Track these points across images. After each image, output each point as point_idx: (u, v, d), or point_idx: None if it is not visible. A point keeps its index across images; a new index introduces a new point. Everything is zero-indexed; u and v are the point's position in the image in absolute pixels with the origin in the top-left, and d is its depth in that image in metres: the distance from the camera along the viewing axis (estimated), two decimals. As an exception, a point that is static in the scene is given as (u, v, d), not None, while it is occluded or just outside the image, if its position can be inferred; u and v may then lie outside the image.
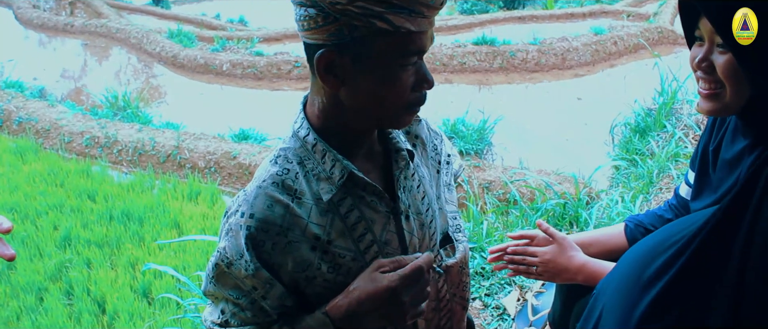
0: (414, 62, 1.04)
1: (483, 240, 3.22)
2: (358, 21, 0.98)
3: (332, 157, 1.09)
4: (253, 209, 1.06)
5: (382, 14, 0.97)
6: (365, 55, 1.01)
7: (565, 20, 13.10)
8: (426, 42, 1.04)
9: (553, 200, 3.76)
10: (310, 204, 1.09)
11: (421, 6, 0.99)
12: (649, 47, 9.05)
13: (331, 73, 1.03)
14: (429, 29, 1.04)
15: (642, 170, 4.41)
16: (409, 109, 1.08)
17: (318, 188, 1.09)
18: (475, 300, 2.83)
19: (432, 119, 1.29)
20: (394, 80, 1.03)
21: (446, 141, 1.38)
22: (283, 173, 1.10)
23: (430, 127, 1.32)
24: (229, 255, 1.08)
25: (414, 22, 0.99)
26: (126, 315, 3.92)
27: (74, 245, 4.79)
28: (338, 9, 0.97)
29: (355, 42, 1.00)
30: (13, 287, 4.27)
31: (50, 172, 6.23)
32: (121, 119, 7.66)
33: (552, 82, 9.40)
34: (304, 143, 1.11)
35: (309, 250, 1.08)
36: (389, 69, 1.02)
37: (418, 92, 1.07)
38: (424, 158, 1.26)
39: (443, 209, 1.28)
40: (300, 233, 1.07)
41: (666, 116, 5.30)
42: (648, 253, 1.14)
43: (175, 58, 10.71)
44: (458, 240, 1.29)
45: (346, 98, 1.06)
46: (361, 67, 1.02)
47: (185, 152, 6.70)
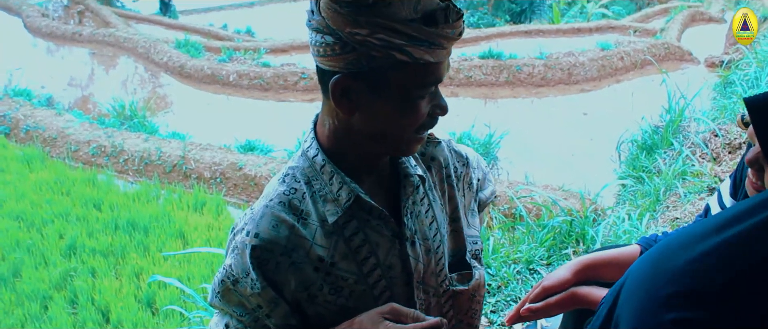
0: (430, 90, 1.04)
1: (489, 257, 3.22)
2: (377, 52, 0.97)
3: (340, 179, 1.09)
4: (258, 229, 1.07)
5: (403, 47, 0.96)
6: (382, 84, 1.00)
7: (571, 35, 13.12)
8: (443, 71, 1.04)
9: (559, 217, 3.74)
10: (315, 225, 1.08)
11: (441, 38, 0.98)
12: (656, 63, 9.05)
13: (345, 98, 1.02)
14: (445, 59, 1.03)
15: (649, 188, 4.39)
16: (418, 135, 1.08)
17: (324, 210, 1.09)
18: (481, 317, 2.82)
19: (437, 132, 1.29)
20: (411, 109, 1.03)
21: (480, 166, 1.37)
22: (290, 193, 1.10)
23: (453, 149, 1.30)
24: (234, 272, 1.08)
25: (433, 53, 0.99)
26: (130, 325, 3.92)
27: (79, 254, 4.80)
28: (358, 39, 0.97)
29: (372, 71, 0.99)
30: (18, 295, 4.27)
31: (57, 180, 6.25)
32: (127, 128, 7.68)
33: (558, 96, 9.40)
34: (313, 164, 1.11)
35: (312, 271, 1.07)
36: (406, 98, 1.02)
37: (434, 118, 1.08)
38: (437, 180, 1.24)
39: (461, 232, 1.26)
40: (304, 254, 1.07)
41: (673, 133, 5.29)
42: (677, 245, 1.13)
43: (182, 69, 10.74)
44: (475, 267, 1.27)
45: (358, 123, 1.06)
46: (378, 96, 1.01)
47: (191, 163, 6.71)
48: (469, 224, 1.29)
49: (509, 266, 3.18)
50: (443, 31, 0.98)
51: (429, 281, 1.18)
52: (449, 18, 0.98)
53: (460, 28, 1.02)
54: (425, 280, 1.18)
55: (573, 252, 3.35)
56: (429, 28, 0.96)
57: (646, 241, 1.74)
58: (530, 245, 3.50)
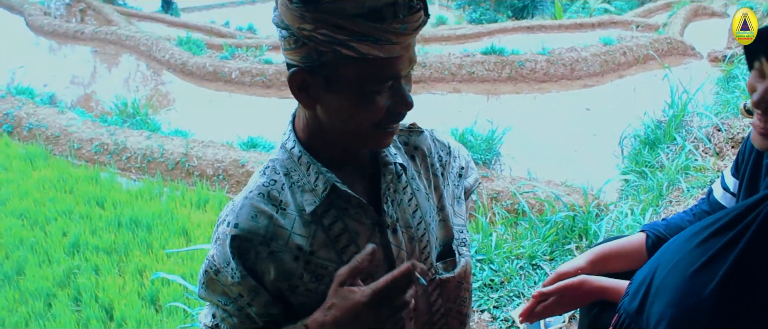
0: (389, 86, 1.02)
1: (492, 252, 3.21)
2: (324, 47, 0.97)
3: (316, 169, 1.10)
4: (238, 220, 1.08)
5: (346, 42, 0.96)
6: (335, 79, 1.00)
7: (574, 30, 13.11)
8: (401, 66, 1.01)
9: (562, 213, 3.74)
10: (293, 215, 1.10)
11: (388, 34, 0.96)
12: (658, 58, 9.04)
13: (304, 92, 1.04)
14: (404, 53, 1.01)
15: (652, 183, 4.39)
16: (382, 130, 1.06)
17: (302, 200, 1.10)
18: (484, 313, 2.82)
19: (440, 128, 1.28)
20: (366, 104, 1.02)
21: (462, 154, 1.37)
22: (269, 184, 1.12)
23: (436, 138, 1.30)
24: (216, 262, 1.10)
25: (382, 49, 0.97)
26: (133, 322, 3.92)
27: (83, 251, 4.80)
28: (305, 35, 0.98)
29: (324, 66, 1.00)
30: (22, 292, 4.28)
31: (59, 178, 6.25)
32: (130, 126, 7.69)
33: (560, 92, 9.39)
34: (291, 155, 1.13)
35: (292, 260, 1.09)
36: (361, 93, 1.01)
37: (395, 113, 1.06)
38: (422, 170, 1.25)
39: (448, 221, 1.27)
40: (283, 244, 1.08)
41: (676, 128, 5.28)
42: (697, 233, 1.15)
43: (184, 66, 10.75)
44: (461, 255, 1.28)
45: (322, 117, 1.07)
46: (333, 89, 1.01)
47: (194, 160, 6.71)
48: (455, 213, 1.30)
49: (512, 261, 3.18)
50: (391, 27, 0.96)
51: None
52: (399, 13, 0.97)
53: (415, 23, 0.99)
54: None
55: (576, 247, 3.35)
56: (374, 24, 0.95)
57: (650, 228, 1.75)
58: (533, 240, 3.49)
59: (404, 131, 1.26)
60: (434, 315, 1.24)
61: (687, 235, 1.23)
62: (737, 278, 1.06)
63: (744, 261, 1.06)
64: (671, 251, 1.23)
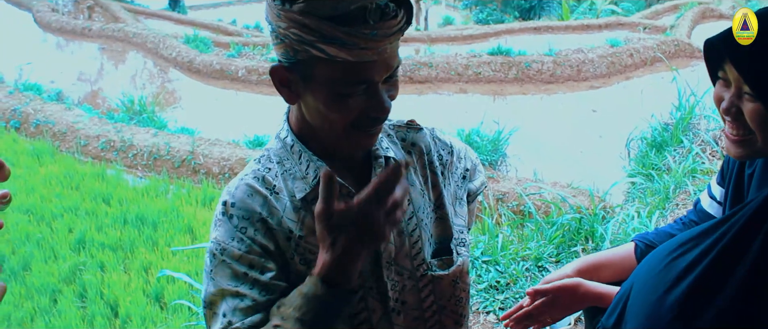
0: (363, 89, 1.02)
1: (498, 254, 3.21)
2: (297, 46, 0.99)
3: (307, 158, 1.13)
4: (234, 199, 1.11)
5: (314, 43, 0.97)
6: (310, 77, 1.02)
7: (580, 32, 13.08)
8: (374, 72, 1.01)
9: (568, 215, 3.73)
10: (285, 200, 1.12)
11: (356, 39, 0.96)
12: (666, 60, 9.01)
13: (285, 88, 1.06)
14: (378, 59, 1.00)
15: (658, 186, 4.37)
16: (359, 132, 1.07)
17: (293, 187, 1.12)
18: (489, 314, 2.82)
19: (446, 129, 1.28)
20: (337, 105, 1.02)
21: (468, 157, 1.37)
22: (264, 170, 1.14)
23: (436, 137, 1.30)
24: (221, 240, 1.10)
25: (351, 53, 0.97)
26: (138, 319, 3.93)
27: (88, 248, 4.82)
28: (281, 33, 1.00)
29: (300, 63, 1.01)
30: (27, 288, 4.29)
31: (66, 175, 6.27)
32: (136, 123, 7.71)
33: (567, 93, 9.38)
34: (285, 145, 1.16)
35: (285, 240, 1.11)
36: (333, 94, 1.02)
37: (371, 117, 1.05)
38: (418, 166, 1.25)
39: (447, 219, 1.26)
40: (277, 223, 1.10)
41: (683, 131, 5.26)
42: (671, 252, 1.15)
43: (191, 64, 10.77)
44: (459, 254, 1.26)
45: (305, 111, 1.09)
46: (309, 88, 1.03)
47: (200, 158, 6.72)
48: (456, 214, 1.29)
49: (518, 263, 3.18)
50: (359, 32, 0.96)
51: (403, 262, 1.18)
52: (369, 19, 0.97)
53: (388, 30, 0.99)
54: (398, 261, 1.18)
55: (582, 249, 3.34)
56: (343, 28, 0.95)
57: (640, 238, 1.74)
58: (539, 242, 3.49)
59: (402, 127, 1.27)
60: (426, 312, 1.23)
61: (664, 252, 1.23)
62: (701, 293, 1.06)
63: (709, 274, 1.06)
64: (647, 267, 1.23)
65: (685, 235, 1.20)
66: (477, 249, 3.26)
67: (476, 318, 2.79)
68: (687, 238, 1.19)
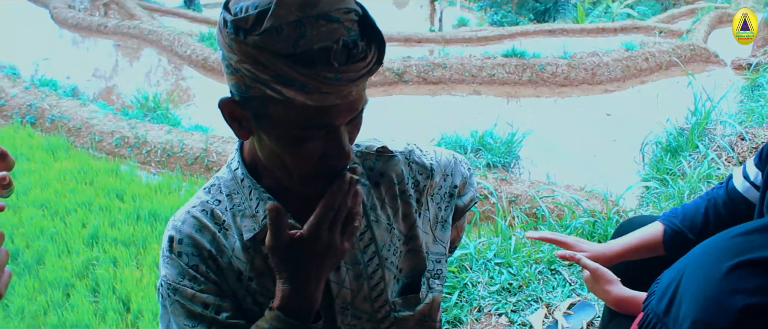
0: (321, 133, 0.92)
1: (511, 256, 3.20)
2: (250, 82, 0.88)
3: (257, 195, 1.04)
4: (181, 234, 1.04)
5: (268, 83, 0.85)
6: (264, 116, 0.91)
7: (596, 35, 13.03)
8: (336, 116, 0.89)
9: (582, 218, 3.71)
10: (234, 239, 1.05)
11: (315, 82, 0.84)
12: (682, 65, 8.96)
13: (235, 122, 0.96)
14: (341, 102, 0.88)
15: (673, 191, 4.34)
16: (317, 178, 0.96)
17: (242, 224, 1.05)
18: (501, 316, 2.80)
19: (459, 130, 1.22)
20: (294, 149, 0.92)
21: (459, 170, 1.26)
22: (213, 203, 1.07)
23: (414, 161, 1.18)
24: (171, 280, 1.03)
25: (310, 97, 0.85)
26: (150, 314, 3.94)
27: (101, 243, 4.84)
28: (233, 65, 0.89)
29: (253, 100, 0.90)
30: (41, 282, 4.32)
31: (80, 170, 6.31)
32: (150, 120, 7.74)
33: (581, 97, 9.34)
34: (235, 177, 1.07)
35: (235, 280, 1.04)
36: (288, 137, 0.91)
37: (330, 164, 0.95)
38: (387, 198, 1.14)
39: (420, 251, 1.17)
40: (227, 261, 1.04)
41: (699, 136, 5.23)
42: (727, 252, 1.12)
43: (206, 61, 10.80)
44: (431, 288, 1.17)
45: (258, 149, 0.99)
46: (262, 126, 0.93)
47: (213, 155, 6.75)
48: (436, 240, 1.20)
49: (531, 266, 3.16)
50: (321, 75, 0.83)
51: (361, 306, 1.11)
52: (333, 61, 0.84)
53: (354, 74, 0.86)
54: (356, 305, 1.10)
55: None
56: (302, 69, 0.83)
57: (668, 219, 1.73)
58: (552, 246, 3.47)
59: (371, 154, 1.15)
60: None
61: (722, 236, 1.19)
62: None
63: None
64: (701, 250, 1.19)
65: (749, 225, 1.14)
66: (490, 251, 3.25)
67: (488, 319, 2.78)
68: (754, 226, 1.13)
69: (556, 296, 2.87)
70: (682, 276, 1.13)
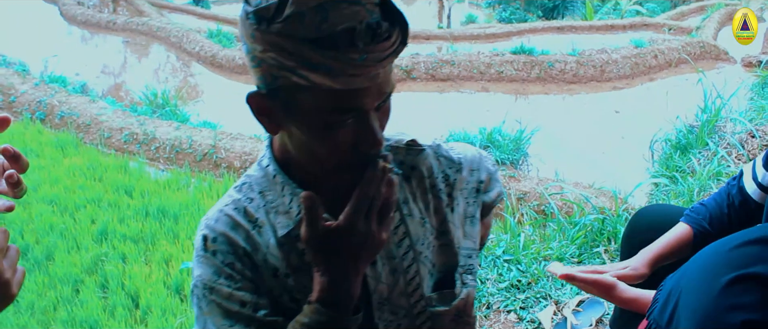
0: (352, 119, 0.91)
1: (520, 253, 3.19)
2: (276, 71, 0.88)
3: (291, 190, 1.03)
4: (215, 233, 1.03)
5: (295, 69, 0.86)
6: (292, 105, 0.91)
7: (604, 32, 12.98)
8: (364, 100, 0.89)
9: (591, 215, 3.70)
10: (268, 236, 1.04)
11: (341, 64, 0.84)
12: (692, 62, 8.91)
13: (264, 117, 0.96)
14: (369, 84, 0.88)
15: (682, 188, 4.32)
16: (351, 169, 0.96)
17: (276, 222, 1.04)
18: (510, 313, 2.80)
19: (468, 127, 1.21)
20: (324, 138, 0.92)
21: (484, 166, 1.24)
22: (245, 201, 1.06)
23: (442, 155, 1.18)
24: (207, 280, 1.02)
25: (337, 80, 0.85)
26: (158, 310, 3.95)
27: (110, 239, 4.86)
28: (258, 56, 0.89)
29: (281, 90, 0.90)
30: (50, 278, 4.34)
31: (89, 166, 6.33)
32: (159, 116, 7.76)
33: (590, 94, 9.31)
34: (266, 174, 1.06)
35: (271, 277, 1.04)
36: (319, 124, 0.91)
37: (362, 152, 0.94)
38: (418, 192, 1.14)
39: (452, 246, 1.16)
40: (262, 259, 1.03)
41: (709, 133, 5.20)
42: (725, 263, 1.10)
43: (214, 58, 10.83)
44: (465, 284, 1.16)
45: (289, 143, 0.99)
46: (291, 117, 0.93)
47: (222, 152, 6.76)
48: (466, 235, 1.19)
49: (539, 263, 3.16)
50: (346, 57, 0.84)
51: (398, 301, 1.10)
52: (357, 42, 0.85)
53: (380, 54, 0.87)
54: (393, 300, 1.10)
55: (604, 250, 3.31)
56: (327, 52, 0.84)
57: (694, 221, 1.71)
58: (561, 242, 3.46)
59: (400, 149, 1.15)
60: None
61: (721, 247, 1.18)
62: None
63: None
64: (700, 261, 1.18)
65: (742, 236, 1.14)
66: (499, 248, 3.25)
67: (497, 316, 2.78)
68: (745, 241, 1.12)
69: (565, 293, 2.86)
70: (682, 289, 1.12)
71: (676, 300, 1.12)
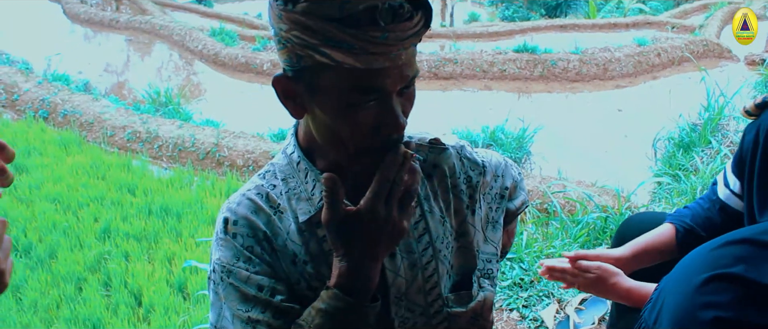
0: (374, 99, 0.92)
1: (522, 251, 3.19)
2: (301, 51, 0.90)
3: (314, 177, 1.04)
4: (236, 215, 1.04)
5: (318, 47, 0.88)
6: (316, 87, 0.93)
7: (607, 30, 12.96)
8: (386, 81, 0.91)
9: (594, 214, 3.70)
10: (289, 222, 1.05)
11: (362, 43, 0.87)
12: (694, 60, 8.90)
13: (290, 100, 0.98)
14: (390, 65, 0.90)
15: (685, 186, 4.32)
16: (373, 152, 0.96)
17: (297, 208, 1.05)
18: (513, 312, 2.80)
19: (471, 126, 1.21)
20: (346, 119, 0.93)
21: (509, 173, 1.26)
22: (268, 187, 1.07)
23: (465, 156, 1.18)
24: (225, 262, 1.03)
25: (359, 59, 0.88)
26: (161, 308, 3.95)
27: (113, 237, 4.86)
28: (283, 36, 0.91)
29: (304, 71, 0.92)
30: (54, 276, 4.35)
31: (93, 165, 6.34)
32: (162, 114, 7.77)
33: (593, 92, 9.29)
34: (290, 161, 1.08)
35: (290, 263, 1.04)
36: (341, 105, 0.92)
37: (383, 135, 0.95)
38: (440, 190, 1.14)
39: (472, 249, 1.16)
40: (282, 244, 1.04)
41: (712, 131, 5.19)
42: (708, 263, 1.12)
43: (217, 57, 10.83)
44: (482, 288, 1.16)
45: (312, 127, 1.01)
46: (315, 99, 0.94)
47: (224, 150, 6.76)
48: (486, 240, 1.19)
49: (542, 261, 3.16)
50: (367, 35, 0.86)
51: (415, 298, 1.09)
52: (379, 20, 0.87)
53: (402, 33, 0.89)
54: (410, 296, 1.09)
55: (607, 249, 3.31)
56: (349, 30, 0.86)
57: (677, 220, 1.73)
58: (564, 240, 3.46)
59: (423, 146, 1.16)
60: None
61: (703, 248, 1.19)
62: None
63: None
64: (682, 262, 1.19)
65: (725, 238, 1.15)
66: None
67: (499, 315, 2.78)
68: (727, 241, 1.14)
69: (567, 291, 2.86)
70: (667, 288, 1.14)
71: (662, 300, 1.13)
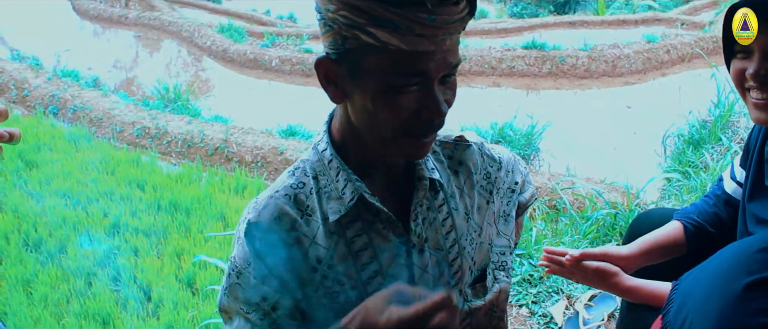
0: (416, 84, 0.93)
1: (532, 247, 3.19)
2: (347, 32, 0.91)
3: (346, 176, 1.04)
4: (259, 218, 1.03)
5: (364, 27, 0.89)
6: (358, 69, 0.94)
7: (616, 27, 12.90)
8: (430, 65, 0.92)
9: (603, 210, 3.69)
10: (318, 224, 1.04)
11: (410, 23, 0.88)
12: (705, 57, 8.85)
13: (332, 84, 0.98)
14: (434, 49, 0.91)
15: (695, 183, 4.30)
16: (412, 137, 0.97)
17: (327, 207, 1.04)
18: (522, 308, 2.80)
19: (479, 122, 1.23)
20: (387, 101, 0.93)
21: (518, 168, 1.28)
22: (297, 187, 1.06)
23: (486, 153, 1.21)
24: (238, 263, 1.04)
25: (404, 40, 0.89)
26: (170, 303, 3.96)
27: (123, 232, 4.88)
28: (330, 17, 0.93)
29: (349, 53, 0.94)
30: (64, 270, 4.36)
31: (102, 160, 6.35)
32: (171, 110, 7.79)
33: (602, 89, 9.26)
34: (322, 158, 1.07)
35: (309, 271, 1.03)
36: (382, 88, 0.93)
37: (424, 120, 0.96)
38: (466, 187, 1.16)
39: (488, 243, 1.18)
40: (303, 253, 1.03)
41: (722, 128, 5.17)
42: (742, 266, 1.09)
43: (225, 53, 10.84)
44: (497, 279, 1.18)
45: (351, 113, 1.00)
46: (357, 82, 0.95)
47: (233, 146, 6.78)
48: (499, 233, 1.20)
49: (551, 257, 3.15)
50: (414, 16, 0.88)
51: None
52: (427, 1, 0.88)
53: (448, 17, 0.89)
54: None
55: (616, 245, 3.30)
56: (397, 10, 0.87)
57: (684, 217, 1.73)
58: (573, 237, 3.46)
59: (449, 144, 1.17)
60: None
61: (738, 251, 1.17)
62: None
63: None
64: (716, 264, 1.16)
65: None
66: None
67: (509, 310, 2.78)
68: None
69: (576, 287, 2.85)
70: (696, 291, 1.11)
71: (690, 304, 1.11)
